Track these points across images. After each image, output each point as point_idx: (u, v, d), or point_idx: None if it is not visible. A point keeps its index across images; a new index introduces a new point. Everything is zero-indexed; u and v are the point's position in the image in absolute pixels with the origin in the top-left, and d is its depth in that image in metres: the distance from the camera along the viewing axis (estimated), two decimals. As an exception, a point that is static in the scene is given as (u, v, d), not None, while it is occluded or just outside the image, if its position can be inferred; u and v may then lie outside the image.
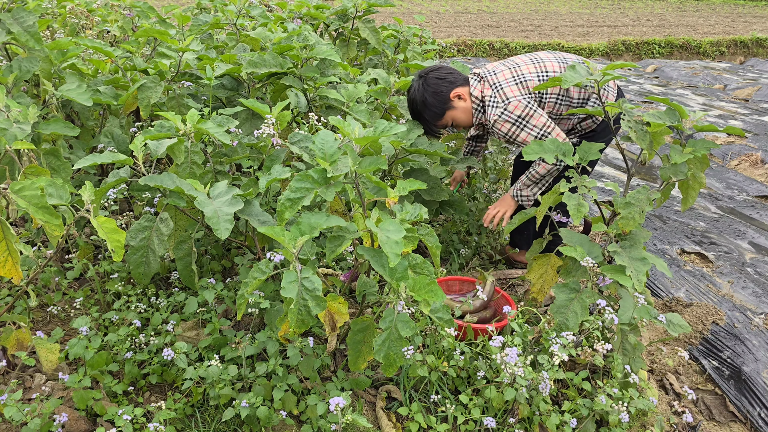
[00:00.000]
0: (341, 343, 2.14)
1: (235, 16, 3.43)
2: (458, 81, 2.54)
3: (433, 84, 2.50)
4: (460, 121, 2.57)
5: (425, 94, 2.50)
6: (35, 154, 2.17)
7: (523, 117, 2.37)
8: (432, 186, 2.78)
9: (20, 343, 1.88)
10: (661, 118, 1.96)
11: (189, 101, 2.61)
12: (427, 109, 2.52)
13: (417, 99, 2.52)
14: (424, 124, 2.58)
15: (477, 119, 2.54)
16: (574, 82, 1.99)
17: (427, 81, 2.51)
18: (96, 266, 2.38)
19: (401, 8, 16.35)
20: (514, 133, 2.40)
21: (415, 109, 2.55)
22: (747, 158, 4.84)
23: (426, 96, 2.50)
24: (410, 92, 2.57)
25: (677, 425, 2.08)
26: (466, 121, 2.57)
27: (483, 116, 2.51)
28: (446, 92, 2.50)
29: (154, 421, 1.67)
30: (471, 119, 2.56)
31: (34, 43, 2.35)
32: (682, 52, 11.78)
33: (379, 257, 1.64)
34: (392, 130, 1.80)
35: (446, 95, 2.50)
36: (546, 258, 2.23)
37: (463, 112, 2.53)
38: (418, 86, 2.52)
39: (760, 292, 2.84)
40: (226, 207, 1.80)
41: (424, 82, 2.52)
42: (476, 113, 2.52)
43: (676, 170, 1.98)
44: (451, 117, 2.55)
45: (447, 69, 2.57)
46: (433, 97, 2.50)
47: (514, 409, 1.86)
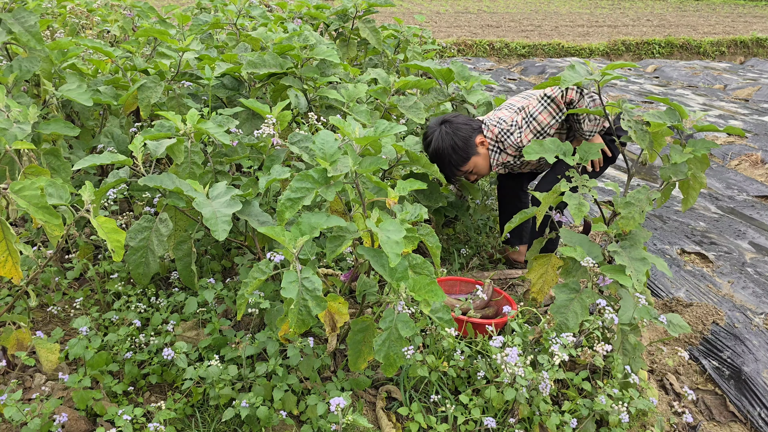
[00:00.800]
0: (341, 343, 2.14)
1: (235, 16, 3.43)
2: (478, 128, 2.59)
3: (461, 129, 2.53)
4: (480, 168, 2.61)
5: (454, 138, 2.52)
6: (35, 154, 2.17)
7: (529, 115, 2.45)
8: (431, 191, 2.78)
9: (20, 343, 1.88)
10: (661, 118, 1.96)
11: (189, 101, 2.61)
12: (454, 154, 2.53)
13: (443, 145, 2.53)
14: (446, 169, 2.58)
15: (495, 161, 2.59)
16: (573, 81, 1.99)
17: (454, 126, 2.54)
18: (96, 266, 2.38)
19: (401, 8, 16.35)
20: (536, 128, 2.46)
21: (440, 154, 2.54)
22: (747, 158, 4.84)
23: (455, 140, 2.52)
24: (432, 138, 2.55)
25: (677, 425, 2.08)
26: (484, 168, 2.62)
27: (500, 156, 2.57)
28: (472, 137, 2.54)
29: (154, 421, 1.67)
30: (488, 167, 2.62)
31: (35, 43, 2.35)
32: (682, 52, 11.78)
33: (379, 257, 1.64)
34: (392, 130, 1.80)
35: (473, 140, 2.55)
36: (546, 258, 2.23)
37: (484, 158, 2.59)
38: (444, 131, 2.53)
39: (760, 292, 2.84)
40: (224, 208, 1.80)
41: (451, 127, 2.53)
42: (493, 155, 2.58)
43: (676, 170, 1.98)
44: (474, 163, 2.58)
45: (464, 116, 2.62)
46: (463, 141, 2.53)
47: (514, 409, 1.86)
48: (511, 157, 2.57)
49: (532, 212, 2.28)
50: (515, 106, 2.60)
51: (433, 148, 2.55)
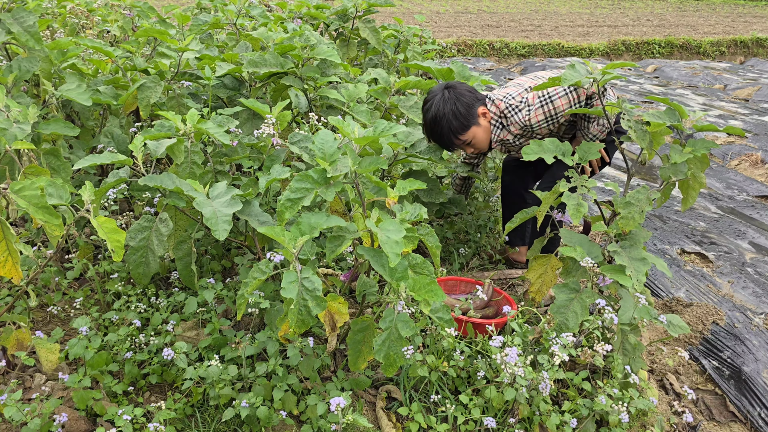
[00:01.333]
0: (341, 343, 2.14)
1: (235, 15, 3.43)
2: (482, 99, 2.50)
3: (464, 95, 2.44)
4: (479, 141, 2.52)
5: (456, 104, 2.42)
6: (35, 154, 2.17)
7: (547, 96, 2.37)
8: (431, 188, 2.78)
9: (20, 343, 1.88)
10: (661, 117, 1.96)
11: (189, 101, 2.61)
12: (454, 120, 2.43)
13: (444, 110, 2.42)
14: (444, 137, 2.48)
15: (496, 136, 2.51)
16: (573, 80, 1.99)
17: (457, 92, 2.44)
18: (96, 266, 2.38)
19: (401, 8, 16.35)
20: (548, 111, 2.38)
21: (439, 120, 2.44)
22: (747, 158, 4.84)
23: (457, 106, 2.42)
24: (433, 103, 2.45)
25: (677, 425, 2.08)
26: (483, 142, 2.53)
27: (501, 132, 2.49)
28: (475, 106, 2.46)
29: (154, 421, 1.67)
30: (487, 142, 2.54)
31: (35, 43, 2.35)
32: (682, 52, 11.78)
33: (379, 257, 1.64)
34: (392, 129, 1.80)
35: (475, 109, 2.46)
36: (546, 258, 2.23)
37: (485, 131, 2.51)
38: (446, 96, 2.43)
39: (760, 292, 2.84)
40: (224, 208, 1.80)
41: (454, 92, 2.44)
42: (495, 130, 2.50)
43: (676, 170, 1.98)
44: (473, 134, 2.49)
45: (469, 85, 2.52)
46: (465, 108, 2.43)
47: (514, 409, 1.86)
48: (512, 136, 2.49)
49: (533, 212, 2.28)
50: (524, 84, 2.51)
51: (433, 113, 2.45)
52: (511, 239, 2.97)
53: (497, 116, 2.47)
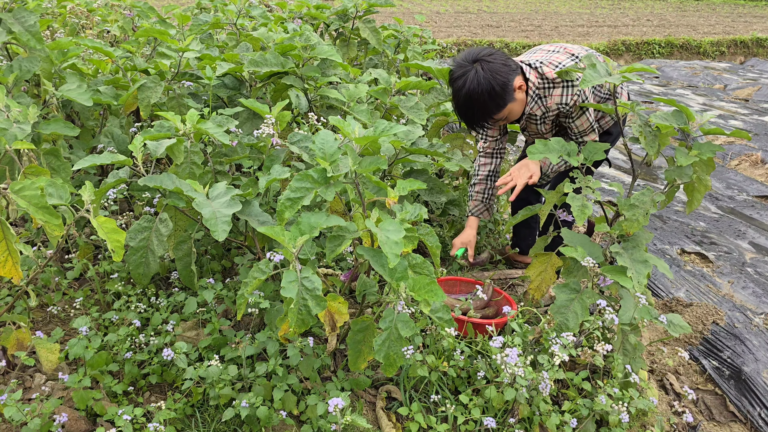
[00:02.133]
0: (341, 343, 2.14)
1: (235, 16, 3.43)
2: (516, 69, 2.22)
3: (500, 72, 2.15)
4: (513, 115, 2.29)
5: (492, 82, 2.13)
6: (35, 154, 2.17)
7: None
8: (432, 186, 2.78)
9: (20, 343, 1.88)
10: (668, 120, 1.95)
11: (189, 101, 2.61)
12: (491, 101, 2.17)
13: (480, 90, 2.14)
14: (476, 118, 2.25)
15: (529, 108, 2.27)
16: (594, 82, 1.94)
17: (491, 66, 2.15)
18: (96, 266, 2.38)
19: (401, 8, 16.35)
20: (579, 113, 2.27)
21: (474, 100, 2.17)
22: (747, 158, 4.84)
23: (493, 85, 2.14)
24: (467, 79, 2.15)
25: (677, 425, 2.08)
26: (517, 115, 2.31)
27: (536, 105, 2.26)
28: (511, 81, 2.18)
29: (154, 421, 1.67)
30: (519, 112, 2.32)
31: (35, 42, 2.35)
32: (682, 52, 11.78)
33: (378, 257, 1.64)
34: (392, 129, 1.80)
35: (511, 85, 2.18)
36: (547, 257, 2.23)
37: (520, 104, 2.27)
38: (480, 73, 2.14)
39: (760, 292, 2.84)
40: (224, 208, 1.80)
41: (488, 67, 2.14)
42: (530, 102, 2.26)
43: (681, 173, 1.97)
44: (509, 110, 2.25)
45: (501, 53, 2.22)
46: (501, 87, 2.15)
47: (514, 409, 1.86)
48: (541, 111, 2.27)
49: (536, 209, 2.28)
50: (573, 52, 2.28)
51: (467, 92, 2.16)
52: (517, 243, 2.95)
53: (537, 87, 2.23)
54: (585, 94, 2.25)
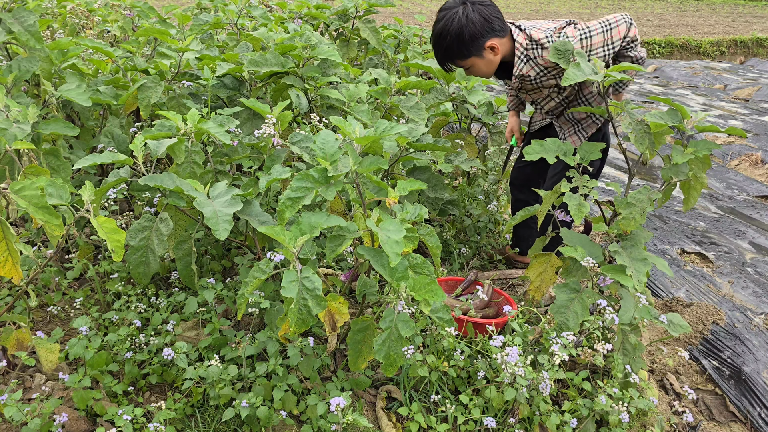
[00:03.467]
0: (341, 343, 2.14)
1: (235, 16, 3.43)
2: (499, 30, 2.24)
3: (474, 23, 2.19)
4: (478, 71, 2.35)
5: (464, 29, 2.18)
6: (35, 154, 2.17)
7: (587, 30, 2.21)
8: (435, 183, 2.78)
9: (20, 343, 1.88)
10: (663, 118, 1.95)
11: (189, 101, 2.61)
12: (455, 45, 2.23)
13: (450, 30, 2.20)
14: (440, 56, 2.32)
15: (519, 70, 2.29)
16: (576, 80, 1.97)
17: (472, 17, 2.19)
18: (96, 266, 2.38)
19: (401, 8, 16.35)
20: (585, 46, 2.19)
21: (442, 37, 2.24)
22: (747, 158, 4.84)
23: (464, 32, 2.19)
24: (445, 16, 2.22)
25: (677, 425, 2.08)
26: (483, 74, 2.37)
27: (525, 66, 2.28)
28: (483, 38, 2.21)
29: (154, 421, 1.67)
30: (490, 73, 2.38)
31: (35, 42, 2.35)
32: (683, 52, 11.78)
33: (379, 257, 1.64)
34: (393, 129, 1.80)
35: (482, 41, 2.22)
36: (546, 257, 2.23)
37: (486, 65, 2.31)
38: (458, 15, 2.19)
39: (760, 292, 2.84)
40: (225, 207, 1.80)
41: (469, 16, 2.19)
42: (519, 63, 2.28)
43: (677, 171, 1.98)
44: (472, 63, 2.30)
45: (495, 9, 2.25)
46: (470, 37, 2.20)
47: (514, 409, 1.86)
48: (534, 72, 2.27)
49: (534, 210, 2.28)
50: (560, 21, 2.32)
51: (439, 29, 2.24)
52: (518, 244, 2.95)
53: (525, 47, 2.25)
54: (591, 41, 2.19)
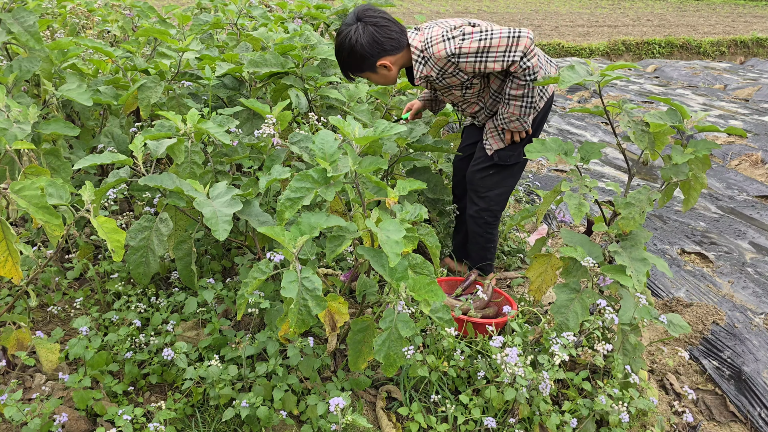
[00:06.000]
0: (341, 343, 2.14)
1: (235, 16, 3.43)
2: (392, 48, 2.29)
3: (367, 45, 2.26)
4: (377, 83, 2.46)
5: (354, 48, 2.27)
6: (35, 154, 2.17)
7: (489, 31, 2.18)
8: (435, 184, 2.77)
9: (20, 343, 1.88)
10: (662, 118, 1.96)
11: (189, 101, 2.61)
12: (349, 61, 2.33)
13: (343, 47, 2.30)
14: (340, 66, 2.40)
15: (419, 72, 2.31)
16: (572, 82, 1.98)
17: (363, 39, 2.25)
18: (96, 266, 2.38)
19: (401, 8, 16.35)
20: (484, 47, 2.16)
21: (338, 51, 2.34)
22: (747, 158, 4.84)
23: (355, 51, 2.27)
24: (342, 33, 2.30)
25: (677, 425, 2.08)
26: (384, 84, 2.46)
27: (425, 68, 2.28)
28: (375, 58, 2.29)
29: (154, 421, 1.67)
30: (389, 83, 2.44)
31: (35, 42, 2.35)
32: (683, 52, 11.78)
33: (379, 257, 1.64)
34: (392, 130, 1.80)
35: (373, 60, 2.30)
36: (546, 257, 2.23)
37: (382, 78, 2.38)
38: (352, 34, 2.26)
39: (760, 292, 2.84)
40: (225, 208, 1.80)
41: (360, 37, 2.26)
42: (418, 66, 2.30)
43: (677, 171, 1.98)
44: (367, 76, 2.40)
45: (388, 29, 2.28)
46: (360, 57, 2.29)
47: (514, 409, 1.86)
48: (435, 72, 2.28)
49: (533, 210, 2.28)
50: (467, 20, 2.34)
51: (337, 45, 2.33)
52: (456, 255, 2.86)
53: (420, 50, 2.28)
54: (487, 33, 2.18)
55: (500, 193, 2.54)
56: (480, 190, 2.54)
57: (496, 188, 2.52)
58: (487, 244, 2.64)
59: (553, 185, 3.67)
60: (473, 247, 2.67)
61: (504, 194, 2.55)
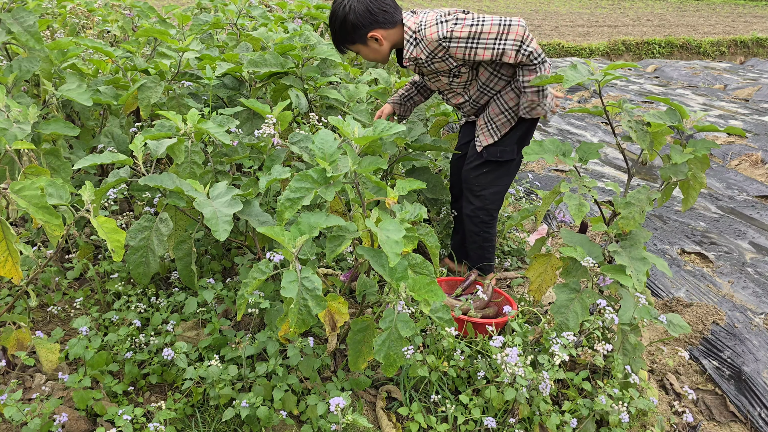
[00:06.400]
0: (341, 343, 2.14)
1: (235, 16, 3.43)
2: (384, 21, 2.32)
3: (361, 14, 2.28)
4: (366, 56, 2.44)
5: (347, 17, 2.29)
6: (35, 154, 2.17)
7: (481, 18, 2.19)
8: (434, 185, 2.77)
9: (20, 343, 1.88)
10: (662, 118, 1.96)
11: (189, 101, 2.61)
12: (341, 31, 2.35)
13: (336, 16, 2.32)
14: (333, 37, 2.42)
15: (409, 53, 2.32)
16: (575, 81, 1.98)
17: (359, 8, 2.28)
18: (96, 266, 2.38)
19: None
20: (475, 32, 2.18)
21: (332, 23, 2.37)
22: (747, 158, 4.84)
23: (347, 20, 2.29)
24: (338, 3, 2.34)
25: (677, 425, 2.08)
26: (372, 58, 2.45)
27: (415, 49, 2.30)
28: (366, 29, 2.31)
29: (154, 421, 1.67)
30: (381, 60, 2.44)
31: (35, 42, 2.35)
32: (683, 52, 11.78)
33: (378, 257, 1.64)
34: (392, 129, 1.80)
35: (365, 31, 2.31)
36: (546, 257, 2.23)
37: (373, 52, 2.40)
38: (345, 3, 2.30)
39: (760, 292, 2.84)
40: (225, 208, 1.80)
41: (353, 6, 2.29)
42: (409, 47, 2.32)
43: (676, 170, 1.98)
44: (358, 49, 2.41)
45: (383, 2, 2.32)
46: (353, 26, 2.31)
47: (514, 409, 1.86)
48: (425, 54, 2.29)
49: (533, 210, 2.28)
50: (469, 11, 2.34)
51: (331, 13, 2.36)
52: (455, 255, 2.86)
53: (413, 31, 2.30)
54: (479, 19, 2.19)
55: (495, 192, 2.54)
56: (475, 188, 2.54)
57: (491, 187, 2.53)
58: (485, 243, 2.64)
59: (553, 185, 3.67)
60: (471, 246, 2.68)
61: (499, 192, 2.55)
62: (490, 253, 2.69)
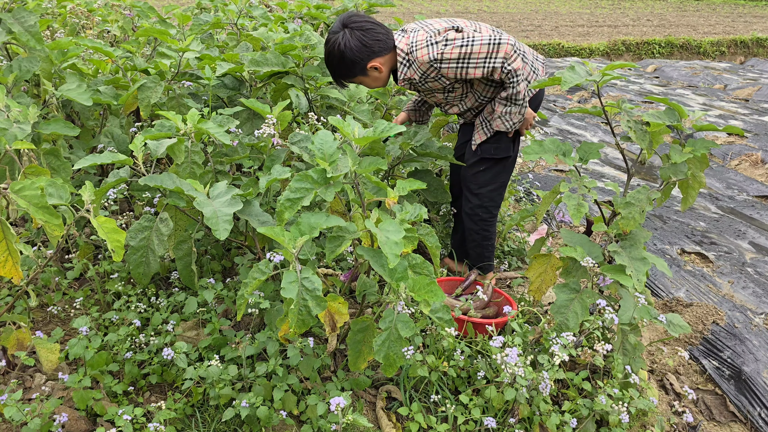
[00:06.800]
0: (341, 343, 2.14)
1: (236, 16, 3.43)
2: (380, 50, 2.33)
3: (356, 50, 2.30)
4: (369, 85, 2.48)
5: (345, 54, 2.30)
6: (35, 154, 2.17)
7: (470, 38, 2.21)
8: (435, 188, 2.77)
9: (20, 343, 1.88)
10: (661, 117, 1.96)
11: (189, 101, 2.61)
12: (340, 68, 2.37)
13: (333, 55, 2.33)
14: (332, 75, 2.45)
15: (403, 74, 2.35)
16: (574, 82, 1.98)
17: (351, 44, 2.29)
18: (96, 266, 2.38)
19: (401, 8, 16.36)
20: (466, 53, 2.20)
21: (328, 60, 2.38)
22: (747, 158, 4.84)
23: (345, 57, 2.31)
24: (331, 41, 2.34)
25: (677, 425, 2.08)
26: (374, 86, 2.49)
27: (409, 70, 2.33)
28: (364, 61, 2.33)
29: (154, 421, 1.67)
30: (381, 85, 2.47)
31: (35, 42, 2.35)
32: (683, 52, 11.78)
33: (378, 257, 1.64)
34: (392, 130, 1.80)
35: (363, 64, 2.33)
36: (546, 257, 2.23)
37: (373, 80, 2.43)
38: (340, 41, 2.30)
39: (760, 292, 2.84)
40: (225, 207, 1.80)
41: (348, 42, 2.29)
42: (402, 68, 2.34)
43: (675, 170, 1.98)
44: (360, 80, 2.44)
45: (374, 32, 2.32)
46: (351, 62, 2.32)
47: (514, 409, 1.86)
48: (418, 75, 2.32)
49: (533, 210, 2.28)
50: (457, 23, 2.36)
51: (326, 53, 2.37)
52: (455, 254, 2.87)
53: (406, 53, 2.32)
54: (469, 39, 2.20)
55: (493, 189, 2.55)
56: (473, 187, 2.55)
57: (489, 184, 2.54)
58: (484, 241, 2.64)
59: (553, 185, 3.67)
60: (470, 244, 2.68)
61: (497, 190, 2.56)
62: (490, 252, 2.69)
